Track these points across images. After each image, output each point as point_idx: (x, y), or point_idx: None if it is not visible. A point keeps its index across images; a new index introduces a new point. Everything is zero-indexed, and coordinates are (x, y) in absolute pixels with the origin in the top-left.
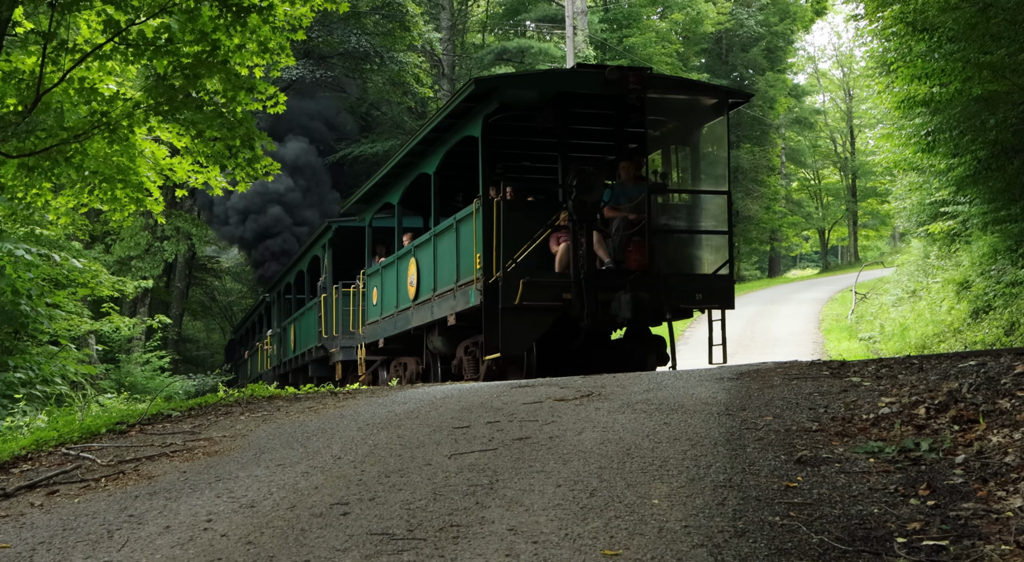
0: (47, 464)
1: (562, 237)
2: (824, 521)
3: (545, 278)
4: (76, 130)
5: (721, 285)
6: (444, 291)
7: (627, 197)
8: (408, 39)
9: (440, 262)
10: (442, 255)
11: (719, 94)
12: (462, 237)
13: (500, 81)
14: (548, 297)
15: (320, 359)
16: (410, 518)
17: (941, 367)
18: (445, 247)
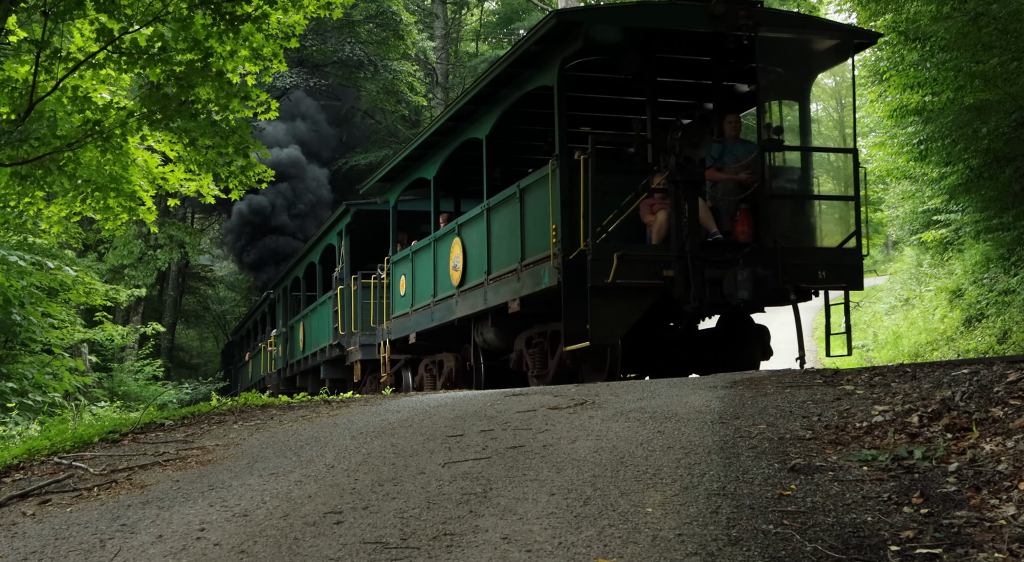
0: (39, 473)
1: (656, 204)
2: (818, 529)
3: (643, 252)
4: (69, 139)
5: (848, 261)
6: (503, 273)
7: (733, 156)
8: (402, 48)
9: (497, 240)
10: (500, 232)
11: (843, 34)
12: (530, 207)
13: (586, 15)
14: (646, 274)
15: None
16: (404, 527)
17: (934, 375)
18: (504, 221)
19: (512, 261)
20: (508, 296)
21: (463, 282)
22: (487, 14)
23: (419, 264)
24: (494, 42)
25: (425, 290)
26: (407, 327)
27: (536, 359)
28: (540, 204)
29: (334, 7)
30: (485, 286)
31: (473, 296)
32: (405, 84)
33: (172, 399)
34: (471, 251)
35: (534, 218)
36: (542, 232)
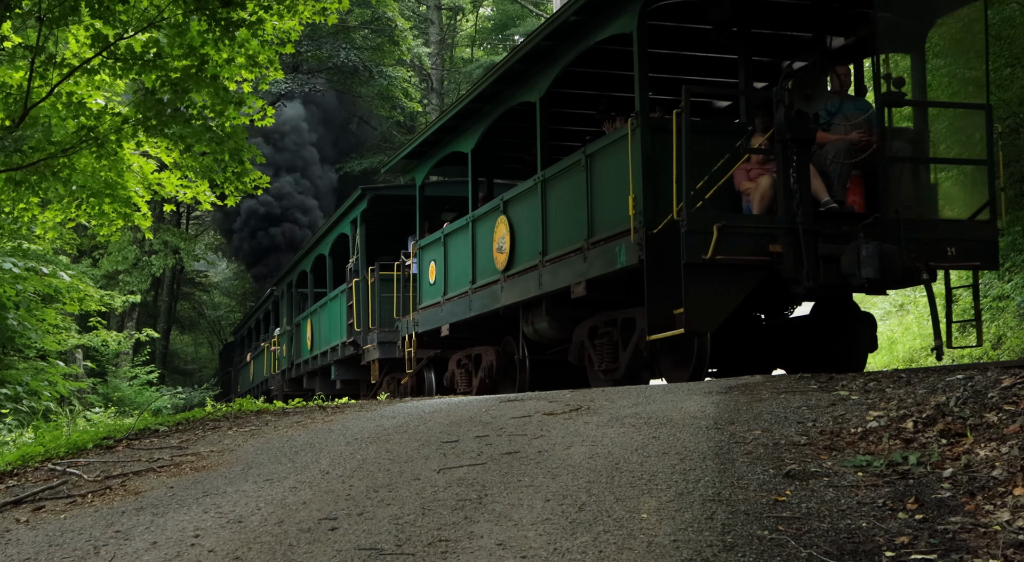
0: (33, 480)
1: (754, 169)
2: (813, 535)
3: (746, 223)
4: (64, 144)
5: (981, 236)
6: (563, 254)
7: (843, 114)
8: (397, 53)
9: (555, 216)
10: (559, 206)
11: None
12: (600, 176)
13: None
14: (750, 249)
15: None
16: (399, 533)
17: (929, 381)
18: (565, 194)
19: (576, 239)
20: (570, 279)
21: (510, 265)
22: (482, 20)
23: (454, 248)
24: (489, 48)
25: (461, 277)
26: (438, 318)
27: (603, 352)
28: (614, 171)
29: (329, 13)
30: (539, 269)
31: (523, 281)
32: (400, 90)
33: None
34: (521, 230)
35: (606, 188)
36: (617, 204)
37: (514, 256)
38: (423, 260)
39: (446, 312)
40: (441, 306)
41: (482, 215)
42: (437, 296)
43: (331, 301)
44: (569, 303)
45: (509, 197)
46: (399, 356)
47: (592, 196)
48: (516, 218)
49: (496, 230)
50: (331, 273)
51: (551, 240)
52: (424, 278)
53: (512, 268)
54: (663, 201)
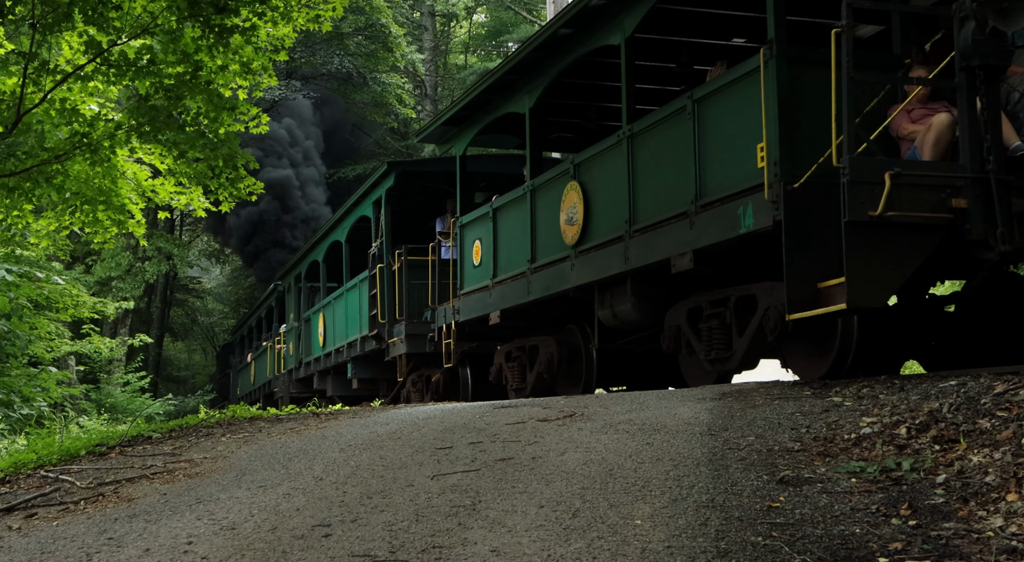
0: (25, 487)
1: (916, 109)
2: (806, 541)
3: (924, 172)
4: (57, 151)
5: None
6: (661, 221)
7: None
8: (391, 60)
9: (647, 177)
10: (653, 164)
11: None
12: (714, 123)
13: None
14: (929, 205)
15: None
16: (392, 540)
17: (922, 387)
18: (661, 150)
19: (678, 202)
20: (670, 250)
21: (583, 239)
22: (476, 27)
23: (506, 223)
24: (483, 54)
25: (516, 255)
26: (486, 305)
27: (712, 338)
28: (736, 116)
29: (323, 20)
30: (625, 241)
31: (601, 256)
32: (394, 96)
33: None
34: (599, 197)
35: (722, 138)
36: (739, 154)
37: (588, 228)
38: (465, 240)
39: (496, 297)
40: (489, 291)
41: (544, 184)
42: (484, 279)
43: (349, 292)
44: (663, 281)
45: (581, 160)
46: (430, 351)
47: (701, 149)
48: (592, 183)
49: (564, 199)
50: (348, 261)
51: (641, 206)
52: (467, 260)
53: (586, 242)
54: (804, 149)
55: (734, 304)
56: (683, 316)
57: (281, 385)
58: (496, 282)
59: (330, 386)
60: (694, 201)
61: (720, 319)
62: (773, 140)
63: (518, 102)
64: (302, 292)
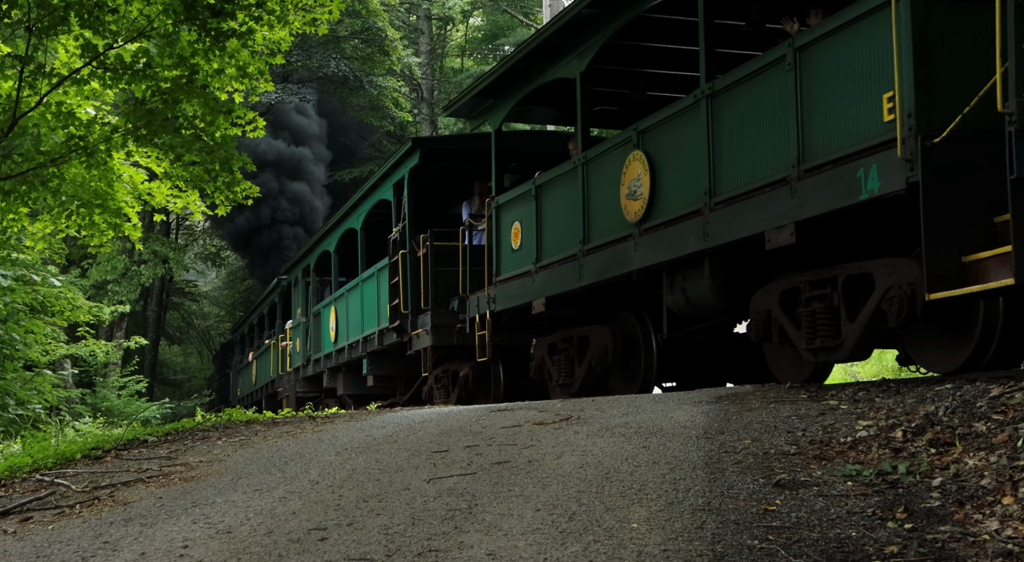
0: (21, 490)
1: None
2: (803, 544)
3: None
4: (53, 154)
5: None
6: (752, 190)
7: None
8: (387, 63)
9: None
10: (738, 127)
11: None
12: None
13: None
14: None
15: (387, 349)
16: (388, 543)
17: (917, 390)
18: (750, 109)
19: (774, 168)
20: (765, 223)
21: (650, 214)
22: (472, 30)
23: (552, 202)
24: (479, 58)
25: (565, 236)
26: (527, 292)
27: (815, 325)
28: (855, 61)
29: (319, 23)
30: (704, 215)
31: (673, 234)
32: (390, 100)
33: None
34: (668, 166)
35: (834, 88)
36: (857, 107)
37: (656, 202)
38: (502, 222)
39: (540, 283)
40: (532, 276)
41: (599, 156)
42: (525, 264)
43: (365, 282)
44: (749, 259)
45: (647, 126)
46: (457, 343)
47: (806, 104)
48: (660, 152)
49: (626, 171)
50: (363, 250)
51: (724, 175)
52: (504, 244)
53: (652, 218)
54: (944, 98)
55: (842, 285)
56: (775, 299)
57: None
58: (540, 267)
59: (341, 384)
60: (796, 165)
61: (825, 302)
62: (907, 87)
63: (567, 66)
64: (310, 285)
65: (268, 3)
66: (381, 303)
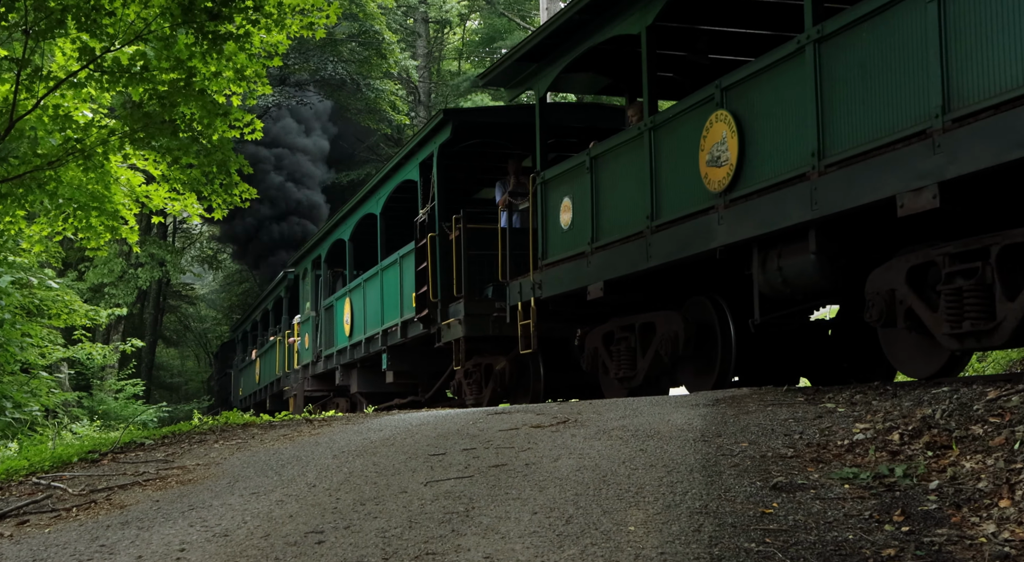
0: (17, 494)
1: None
2: (800, 547)
3: None
4: (50, 157)
5: None
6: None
7: None
8: (384, 66)
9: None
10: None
11: None
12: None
13: None
14: None
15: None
16: (385, 546)
17: (914, 393)
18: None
19: (909, 118)
20: (898, 185)
21: (738, 183)
22: (469, 33)
23: (610, 173)
24: (476, 61)
25: (628, 212)
26: (581, 276)
27: (962, 306)
28: None
29: (317, 27)
30: (811, 179)
31: (769, 203)
32: (388, 103)
33: (152, 418)
34: (761, 127)
35: (992, 19)
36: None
37: (744, 168)
38: (549, 199)
39: (597, 266)
40: (586, 258)
41: (671, 119)
42: (578, 245)
43: (386, 270)
44: (867, 230)
45: (732, 82)
46: (493, 334)
47: (952, 42)
48: (751, 110)
49: (707, 134)
50: (383, 237)
51: (837, 131)
52: (551, 224)
53: (741, 186)
54: None
55: (996, 256)
56: (901, 277)
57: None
58: (597, 248)
59: (356, 382)
60: (940, 114)
61: (975, 278)
62: None
63: (628, 21)
64: (321, 278)
65: (265, 7)
66: (405, 292)
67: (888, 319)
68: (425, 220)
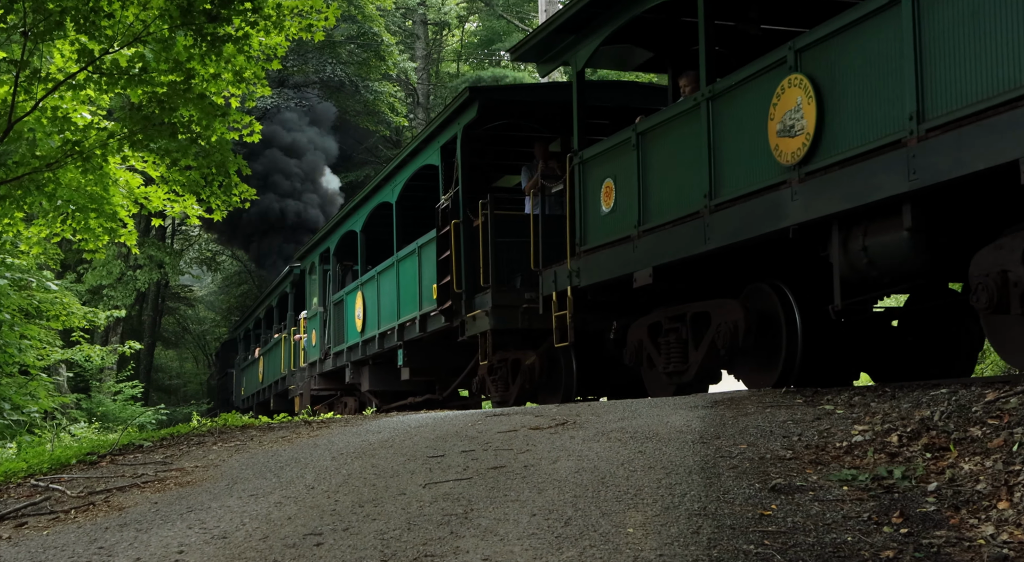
0: (15, 496)
1: None
2: (798, 549)
3: None
4: (48, 159)
5: None
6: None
7: None
8: (383, 68)
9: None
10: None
11: None
12: None
13: None
14: None
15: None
16: (384, 548)
17: (913, 395)
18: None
19: None
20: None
21: (815, 153)
22: (468, 35)
23: (661, 149)
24: (475, 63)
25: (681, 191)
26: (626, 261)
27: None
28: None
29: (316, 30)
30: (908, 146)
31: (851, 176)
32: (386, 104)
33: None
34: (843, 89)
35: None
36: None
37: (823, 137)
38: (588, 180)
39: (645, 250)
40: (633, 242)
41: (734, 86)
42: (624, 228)
43: (403, 261)
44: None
45: (807, 42)
46: (522, 327)
47: None
48: (830, 72)
49: (777, 102)
50: (398, 227)
51: (940, 90)
52: (590, 206)
53: (819, 157)
54: None
55: None
56: (1017, 258)
57: (300, 381)
58: (644, 231)
59: (367, 380)
60: None
61: None
62: None
63: None
64: (330, 272)
65: (264, 9)
66: (424, 283)
67: (1001, 304)
68: (448, 206)
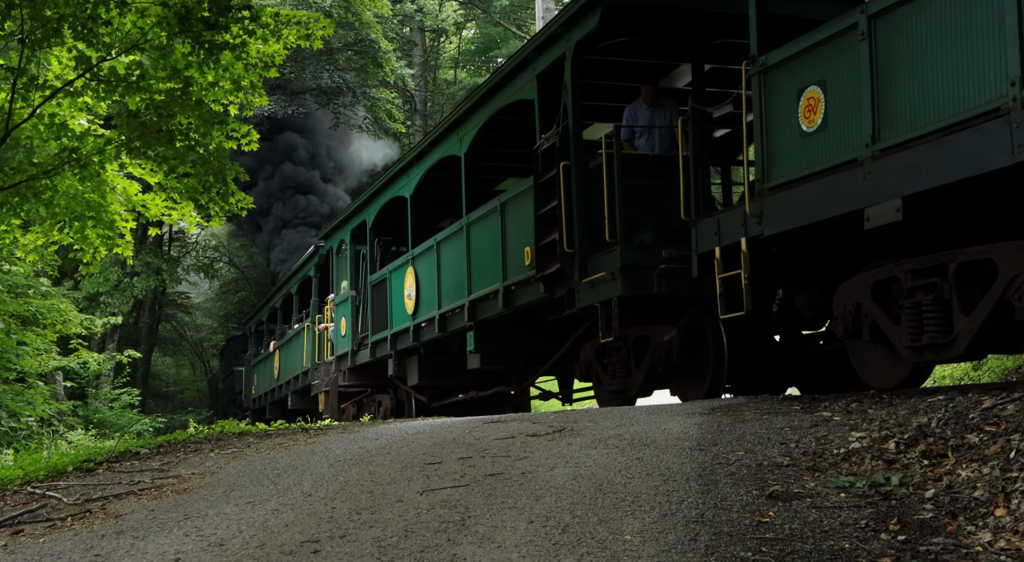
0: (12, 503)
1: None
2: (796, 556)
3: None
4: (46, 166)
5: None
6: None
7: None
8: (381, 75)
9: None
10: None
11: None
12: None
13: None
14: None
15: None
16: (381, 555)
17: (910, 402)
18: None
19: None
20: None
21: None
22: (465, 42)
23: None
24: (472, 70)
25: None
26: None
27: None
28: None
29: (313, 38)
30: None
31: None
32: (384, 111)
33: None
34: None
35: None
36: None
37: None
38: (773, 95)
39: (882, 176)
40: (863, 167)
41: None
42: (844, 150)
43: (476, 224)
44: None
45: None
46: (659, 292)
47: None
48: None
49: None
50: (467, 185)
51: None
52: (785, 126)
53: None
54: None
55: None
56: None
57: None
58: (884, 149)
59: (415, 372)
60: None
61: None
62: None
63: None
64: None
65: (262, 17)
66: (511, 247)
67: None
68: (554, 145)
